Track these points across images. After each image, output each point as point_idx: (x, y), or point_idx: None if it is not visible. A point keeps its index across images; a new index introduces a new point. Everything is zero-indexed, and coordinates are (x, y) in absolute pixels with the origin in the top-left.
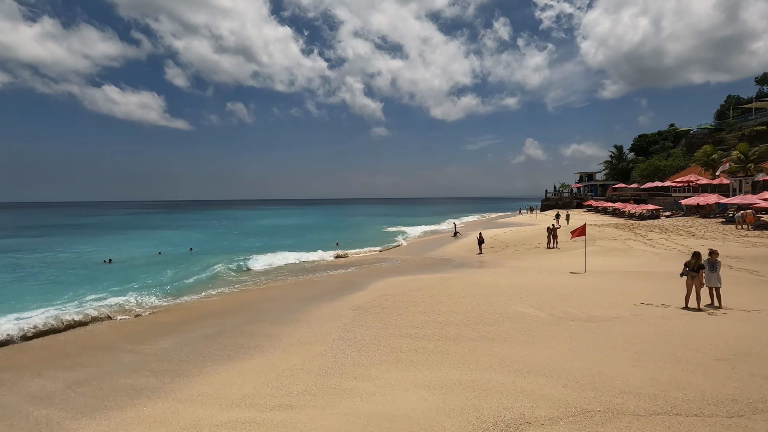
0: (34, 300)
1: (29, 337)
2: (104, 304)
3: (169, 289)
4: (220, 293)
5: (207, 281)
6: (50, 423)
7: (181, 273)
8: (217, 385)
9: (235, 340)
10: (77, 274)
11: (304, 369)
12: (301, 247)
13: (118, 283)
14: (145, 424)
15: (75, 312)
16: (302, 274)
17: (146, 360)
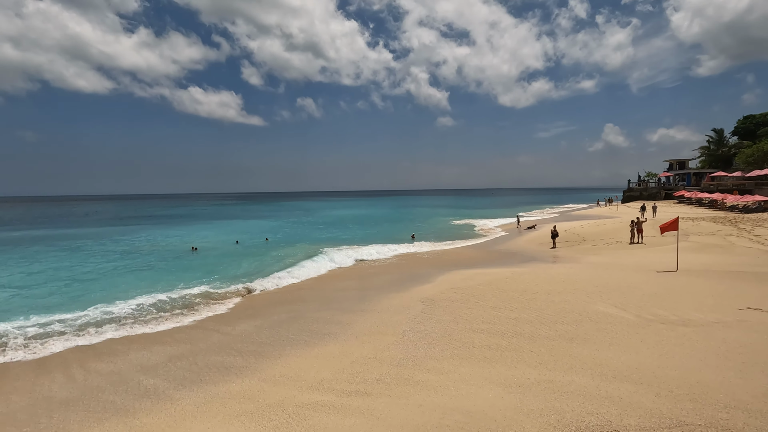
0: (136, 285)
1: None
2: (193, 288)
3: (245, 276)
4: (292, 282)
5: (280, 269)
6: (157, 391)
7: (256, 261)
8: (296, 368)
9: (310, 326)
10: (169, 260)
11: (377, 358)
12: (373, 239)
13: (203, 269)
14: (235, 399)
15: (171, 296)
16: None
17: (232, 340)
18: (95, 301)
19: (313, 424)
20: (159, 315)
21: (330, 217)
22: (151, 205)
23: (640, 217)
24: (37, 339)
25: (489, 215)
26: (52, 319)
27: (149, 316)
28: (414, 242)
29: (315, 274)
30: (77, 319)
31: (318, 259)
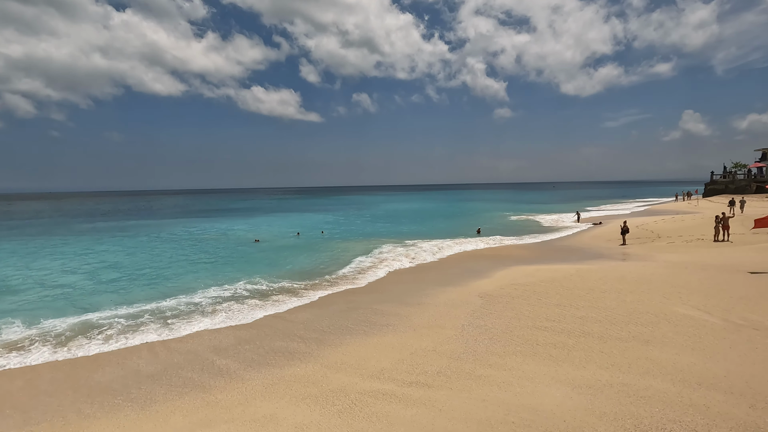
0: (204, 275)
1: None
2: (256, 279)
3: (304, 267)
4: (349, 273)
5: (337, 261)
6: (229, 371)
7: (314, 254)
8: (357, 357)
9: (368, 317)
10: (234, 252)
11: (437, 351)
12: (429, 233)
13: (266, 259)
14: (300, 382)
15: (236, 286)
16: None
17: (295, 327)
18: (170, 292)
19: (375, 411)
20: (226, 305)
21: (385, 211)
22: (218, 199)
23: (726, 213)
24: (126, 332)
25: (550, 210)
26: (140, 309)
27: (219, 306)
28: (480, 236)
29: (372, 267)
30: (159, 309)
31: (374, 253)
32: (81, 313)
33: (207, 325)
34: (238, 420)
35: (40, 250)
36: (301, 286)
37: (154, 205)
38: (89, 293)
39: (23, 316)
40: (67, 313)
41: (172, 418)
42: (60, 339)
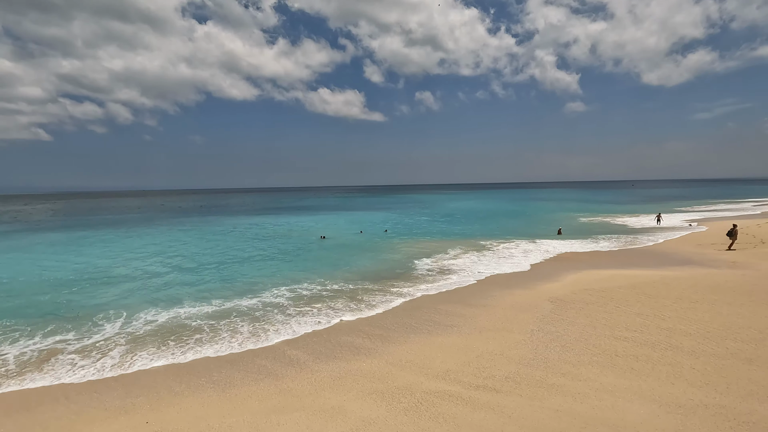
0: (280, 271)
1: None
2: (324, 274)
3: (366, 264)
4: (415, 273)
5: (402, 261)
6: (299, 361)
7: (376, 252)
8: (422, 356)
9: (432, 316)
10: (303, 247)
11: (504, 355)
12: (491, 233)
13: (332, 256)
14: (366, 377)
15: (304, 282)
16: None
17: (359, 323)
18: (247, 288)
19: (441, 411)
20: (296, 298)
21: (448, 210)
22: (285, 197)
23: None
24: (226, 332)
25: (628, 211)
26: (229, 306)
27: (290, 299)
28: (561, 237)
29: (435, 266)
30: (243, 307)
31: (438, 251)
32: (172, 307)
33: (282, 319)
34: (309, 409)
35: (133, 242)
36: (364, 283)
37: (229, 203)
38: (178, 285)
39: (123, 306)
40: (160, 307)
41: (248, 402)
42: (155, 330)
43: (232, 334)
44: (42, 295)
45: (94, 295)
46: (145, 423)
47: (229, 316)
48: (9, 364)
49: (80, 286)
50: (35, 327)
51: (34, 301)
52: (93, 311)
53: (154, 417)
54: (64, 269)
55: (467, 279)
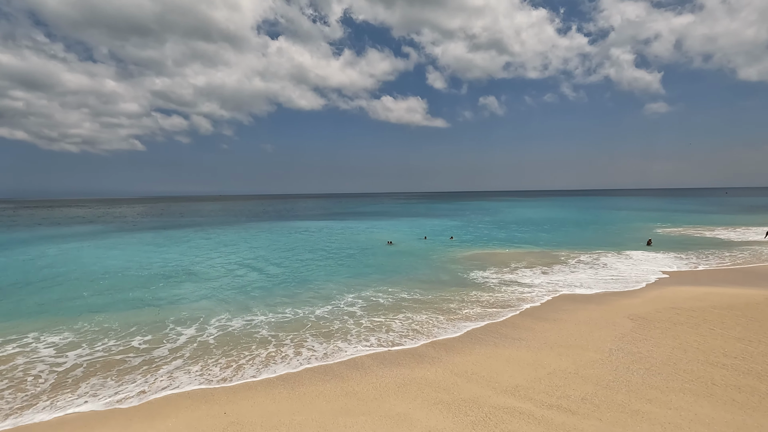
0: (350, 277)
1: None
2: (392, 279)
3: (434, 270)
4: (479, 280)
5: (468, 269)
6: (364, 365)
7: (444, 258)
8: (488, 369)
9: (498, 328)
10: (371, 251)
11: (579, 374)
12: (562, 243)
13: (399, 262)
14: (431, 386)
15: (372, 288)
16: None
17: (423, 331)
18: (312, 295)
19: (511, 429)
20: (363, 304)
21: (514, 218)
22: (348, 202)
23: None
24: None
25: (722, 222)
26: (300, 315)
27: (358, 305)
28: (651, 248)
29: (501, 275)
30: (312, 312)
31: (505, 261)
32: (243, 313)
33: (350, 324)
34: (375, 414)
35: (211, 243)
36: (428, 290)
37: (297, 207)
38: (252, 286)
39: (200, 307)
40: (236, 309)
41: (316, 402)
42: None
43: (299, 343)
44: (131, 290)
45: (175, 294)
46: (223, 413)
47: (302, 320)
48: (116, 352)
49: (164, 283)
50: (124, 323)
51: (126, 296)
52: (172, 310)
53: (230, 409)
54: (151, 266)
55: (535, 290)
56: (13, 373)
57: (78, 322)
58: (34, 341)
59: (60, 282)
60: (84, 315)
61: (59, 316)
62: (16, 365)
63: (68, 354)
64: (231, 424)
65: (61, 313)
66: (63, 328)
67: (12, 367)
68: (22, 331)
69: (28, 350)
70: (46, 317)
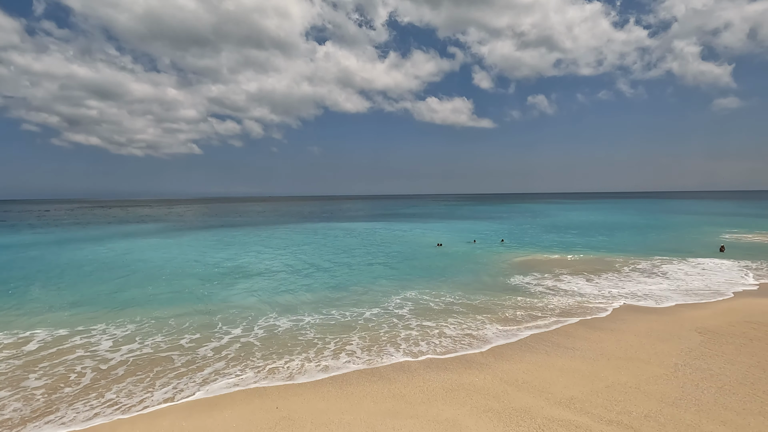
0: (400, 280)
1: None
2: (442, 283)
3: (482, 273)
4: (540, 283)
5: (522, 272)
6: (410, 368)
7: (495, 261)
8: (540, 378)
9: (550, 336)
10: (420, 254)
11: (641, 389)
12: (621, 249)
13: (449, 265)
14: (480, 393)
15: (424, 291)
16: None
17: (470, 336)
18: (362, 297)
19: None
20: (413, 308)
21: (566, 221)
22: (394, 204)
23: None
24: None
25: None
26: (353, 312)
27: (409, 309)
28: (723, 256)
29: (555, 280)
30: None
31: (558, 268)
32: (293, 315)
33: (398, 327)
34: (423, 418)
35: (261, 243)
36: (479, 294)
37: (342, 208)
38: (300, 287)
39: (250, 307)
40: (285, 308)
41: (364, 402)
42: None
43: (346, 343)
44: (188, 286)
45: (226, 292)
46: (275, 408)
47: (349, 322)
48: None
49: (218, 281)
50: (181, 319)
51: (182, 292)
52: (224, 307)
53: (282, 404)
54: (206, 264)
55: (590, 298)
56: (87, 361)
57: (137, 316)
58: (99, 334)
59: (129, 276)
60: (146, 309)
61: (126, 309)
62: (82, 356)
63: (134, 344)
64: (283, 419)
65: (127, 305)
66: (125, 321)
67: (80, 357)
68: (94, 322)
69: (92, 341)
70: (116, 309)
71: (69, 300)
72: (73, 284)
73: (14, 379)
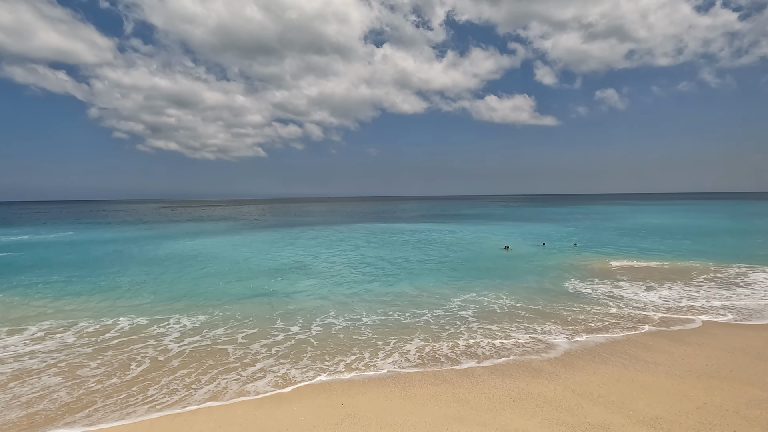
0: (467, 281)
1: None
2: (511, 288)
3: (555, 278)
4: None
5: (601, 279)
6: (474, 373)
7: (566, 267)
8: (618, 393)
9: (627, 348)
10: (486, 257)
11: (740, 414)
12: (711, 255)
13: (519, 267)
14: (551, 405)
15: (492, 297)
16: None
17: (536, 343)
18: (429, 299)
19: None
20: (480, 314)
21: (637, 224)
22: (452, 205)
23: None
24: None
25: None
26: (414, 313)
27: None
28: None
29: (633, 287)
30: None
31: (636, 274)
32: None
33: (460, 330)
34: (490, 426)
35: (322, 243)
36: (546, 300)
37: (399, 209)
38: (362, 288)
39: (311, 306)
40: (350, 308)
41: (428, 405)
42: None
43: (408, 344)
44: (254, 282)
45: (288, 288)
46: (340, 405)
47: (410, 324)
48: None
49: (282, 277)
50: (249, 313)
51: (248, 287)
52: (287, 304)
53: (347, 401)
54: (271, 261)
55: (673, 307)
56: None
57: (210, 308)
58: (174, 323)
59: (204, 270)
60: (216, 303)
61: (200, 302)
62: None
63: (197, 336)
64: (348, 416)
65: (201, 299)
66: (197, 312)
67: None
68: (168, 312)
69: (174, 328)
70: (189, 301)
71: (151, 291)
72: (157, 277)
73: (98, 360)
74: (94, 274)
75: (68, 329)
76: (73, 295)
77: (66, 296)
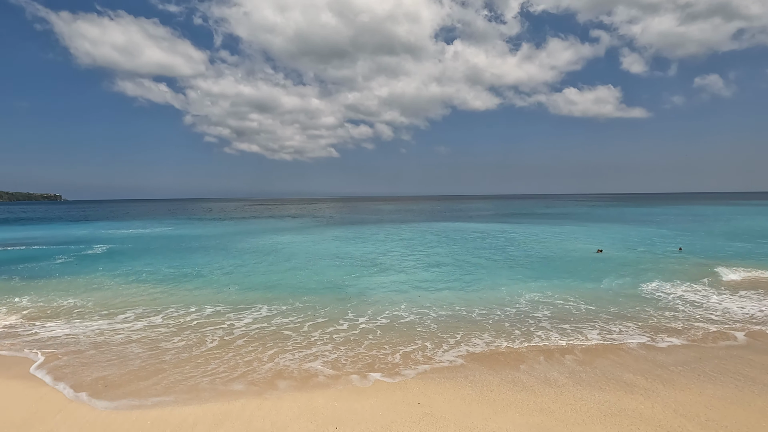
0: (555, 285)
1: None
2: (607, 295)
3: (654, 284)
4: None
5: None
6: (557, 382)
7: (663, 272)
8: (733, 419)
9: (738, 367)
10: (577, 260)
11: None
12: None
13: (610, 273)
14: (649, 425)
15: (582, 303)
16: None
17: (629, 356)
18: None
19: None
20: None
21: (751, 228)
22: (526, 204)
23: None
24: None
25: None
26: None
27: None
28: None
29: (750, 299)
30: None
31: (755, 283)
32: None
33: (537, 333)
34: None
35: (393, 239)
36: (639, 307)
37: (470, 208)
38: (443, 286)
39: (387, 300)
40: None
41: (508, 411)
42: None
43: (488, 345)
44: (330, 277)
45: (361, 283)
46: (417, 403)
47: (481, 323)
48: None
49: (359, 272)
50: (324, 304)
51: (324, 281)
52: (360, 298)
53: (424, 400)
54: (345, 256)
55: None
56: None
57: (290, 299)
58: (260, 311)
59: (283, 264)
60: (295, 294)
61: (281, 293)
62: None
63: (284, 320)
64: (425, 415)
65: (281, 290)
66: (280, 302)
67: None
68: (255, 302)
69: (264, 316)
70: (273, 292)
71: (237, 281)
72: (241, 268)
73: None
74: (188, 265)
75: (192, 312)
76: (171, 282)
77: (165, 282)
